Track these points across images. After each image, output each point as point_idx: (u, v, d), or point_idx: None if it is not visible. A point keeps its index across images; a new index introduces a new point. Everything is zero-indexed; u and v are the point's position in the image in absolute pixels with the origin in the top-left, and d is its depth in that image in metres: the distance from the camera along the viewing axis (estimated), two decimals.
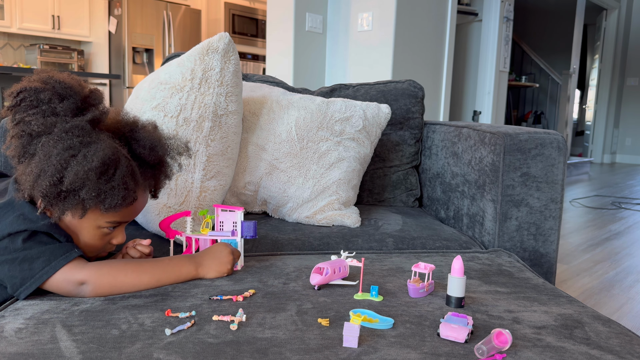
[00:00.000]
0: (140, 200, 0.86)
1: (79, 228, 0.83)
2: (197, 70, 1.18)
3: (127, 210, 0.84)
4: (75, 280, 0.78)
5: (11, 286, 0.77)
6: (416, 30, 3.19)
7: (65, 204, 0.77)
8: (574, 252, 2.61)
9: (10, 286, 0.77)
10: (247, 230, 0.96)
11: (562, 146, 1.23)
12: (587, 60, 7.87)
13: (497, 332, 0.64)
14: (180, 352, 0.63)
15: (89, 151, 0.75)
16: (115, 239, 0.87)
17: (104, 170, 0.76)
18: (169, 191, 1.15)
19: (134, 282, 0.82)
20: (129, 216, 0.87)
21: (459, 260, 0.80)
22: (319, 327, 0.71)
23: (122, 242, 0.88)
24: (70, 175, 0.74)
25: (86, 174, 0.74)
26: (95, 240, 0.85)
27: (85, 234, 0.83)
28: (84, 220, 0.81)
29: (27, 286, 0.77)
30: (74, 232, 0.83)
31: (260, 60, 6.56)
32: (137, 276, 0.82)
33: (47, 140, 0.75)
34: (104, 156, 0.76)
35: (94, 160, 0.75)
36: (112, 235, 0.86)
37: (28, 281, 0.76)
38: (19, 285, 0.77)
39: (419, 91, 1.64)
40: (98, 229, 0.83)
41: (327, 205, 1.30)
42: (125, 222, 0.87)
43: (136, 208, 0.86)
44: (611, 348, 0.68)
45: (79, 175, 0.74)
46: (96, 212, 0.81)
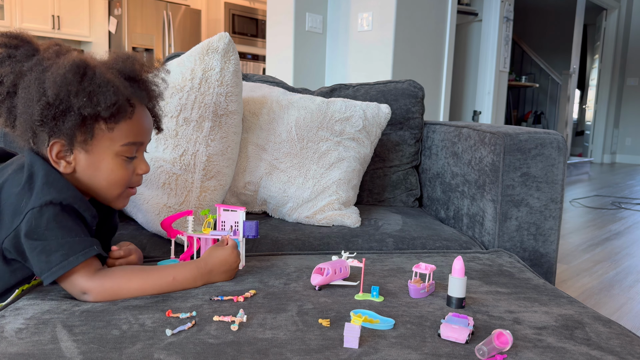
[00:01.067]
0: (141, 113, 0.84)
1: (99, 167, 0.81)
2: (197, 70, 1.18)
3: (133, 126, 0.82)
4: (79, 288, 0.78)
5: (35, 270, 0.78)
6: (416, 30, 3.19)
7: (66, 125, 0.76)
8: (574, 252, 2.61)
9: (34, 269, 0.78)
10: (249, 230, 0.96)
11: (562, 146, 1.23)
12: (587, 60, 7.87)
13: (498, 333, 0.64)
14: (181, 352, 0.63)
15: (57, 62, 0.76)
16: (139, 168, 0.85)
17: (80, 71, 0.75)
18: (169, 191, 1.15)
19: (138, 289, 0.81)
20: (140, 135, 0.84)
21: (459, 260, 0.80)
22: (320, 327, 0.71)
23: (147, 171, 0.86)
24: (50, 85, 0.74)
25: (63, 77, 0.74)
26: (119, 172, 0.82)
27: (107, 169, 0.81)
28: (99, 153, 0.80)
29: (45, 277, 0.76)
30: (97, 178, 0.82)
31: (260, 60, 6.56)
32: (142, 285, 0.81)
33: (22, 83, 0.76)
34: (74, 59, 0.76)
35: (66, 65, 0.75)
36: (134, 165, 0.85)
37: (45, 272, 0.76)
38: (39, 273, 0.77)
39: (419, 91, 1.64)
40: (117, 157, 0.82)
41: (327, 205, 1.30)
42: (140, 143, 0.84)
43: (142, 124, 0.84)
44: (612, 349, 0.68)
45: (58, 81, 0.74)
46: (105, 137, 0.80)
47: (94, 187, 0.83)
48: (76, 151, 0.80)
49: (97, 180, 0.82)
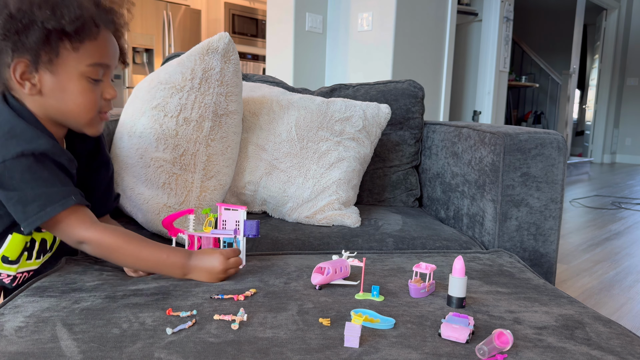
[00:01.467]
0: (106, 35, 0.82)
1: (65, 88, 0.79)
2: (197, 70, 1.18)
3: (99, 47, 0.80)
4: (75, 238, 0.78)
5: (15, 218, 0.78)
6: (416, 30, 3.19)
7: (30, 39, 0.74)
8: (574, 252, 2.61)
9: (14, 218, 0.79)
10: (250, 229, 0.96)
11: (562, 146, 1.23)
12: (587, 60, 7.87)
13: (498, 333, 0.64)
14: (181, 351, 0.63)
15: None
16: (106, 92, 0.84)
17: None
18: (169, 191, 1.15)
19: (132, 256, 0.82)
20: (106, 57, 0.82)
21: (460, 260, 0.80)
22: (320, 327, 0.71)
23: (115, 95, 0.85)
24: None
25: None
26: (87, 94, 0.81)
27: (74, 91, 0.80)
28: (65, 73, 0.78)
29: (24, 227, 0.77)
30: (65, 102, 0.80)
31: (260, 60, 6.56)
32: (137, 253, 0.82)
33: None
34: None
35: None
36: (100, 89, 0.83)
37: (23, 223, 0.76)
38: (18, 222, 0.78)
39: (419, 91, 1.64)
40: (82, 78, 0.80)
41: (327, 205, 1.30)
42: (106, 66, 0.82)
43: (107, 46, 0.82)
44: (612, 349, 0.68)
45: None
46: (71, 57, 0.78)
47: (64, 112, 0.82)
48: (41, 72, 0.78)
49: (65, 105, 0.81)
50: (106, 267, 0.98)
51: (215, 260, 0.87)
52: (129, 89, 5.53)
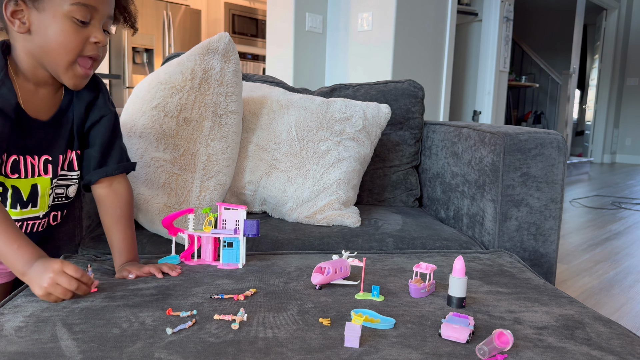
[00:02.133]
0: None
1: (49, 26, 0.80)
2: (197, 70, 1.18)
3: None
4: None
5: None
6: (416, 30, 3.19)
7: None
8: (574, 252, 2.61)
9: None
10: (250, 229, 0.96)
11: (562, 146, 1.23)
12: (587, 60, 7.87)
13: (499, 333, 0.64)
14: (182, 351, 0.63)
15: None
16: (93, 35, 0.82)
17: None
18: (169, 191, 1.15)
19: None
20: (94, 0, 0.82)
21: (460, 260, 0.80)
22: (321, 326, 0.71)
23: (104, 41, 0.83)
24: None
25: None
26: (69, 34, 0.80)
27: (57, 29, 0.80)
28: (50, 11, 0.79)
29: None
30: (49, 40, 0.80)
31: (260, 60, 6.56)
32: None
33: None
34: None
35: None
36: (87, 31, 0.82)
37: None
38: None
39: (419, 91, 1.64)
40: (67, 18, 0.80)
41: (327, 205, 1.30)
42: (93, 8, 0.81)
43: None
44: (612, 349, 0.68)
45: None
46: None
47: (46, 52, 0.82)
48: (28, 10, 0.79)
49: (47, 43, 0.81)
50: (106, 266, 0.98)
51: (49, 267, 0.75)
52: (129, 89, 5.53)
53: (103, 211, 0.98)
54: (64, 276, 0.74)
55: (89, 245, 1.11)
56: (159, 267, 0.91)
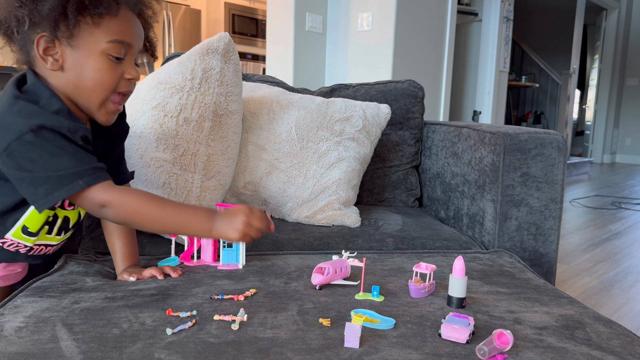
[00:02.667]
0: (129, 15, 0.82)
1: (85, 64, 0.79)
2: (197, 70, 1.18)
3: (121, 25, 0.80)
4: (97, 201, 0.77)
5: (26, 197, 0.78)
6: (416, 30, 3.19)
7: (45, 7, 0.74)
8: (574, 252, 2.61)
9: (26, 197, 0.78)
10: None
11: (562, 146, 1.23)
12: (587, 60, 7.87)
13: (499, 333, 0.64)
14: (182, 352, 0.63)
15: None
16: (127, 72, 0.82)
17: None
18: (169, 191, 1.15)
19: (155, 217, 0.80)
20: (128, 35, 0.81)
21: (460, 260, 0.80)
22: (321, 327, 0.71)
23: (137, 77, 0.83)
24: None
25: None
26: (105, 72, 0.80)
27: (93, 67, 0.79)
28: (85, 49, 0.78)
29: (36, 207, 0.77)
30: (84, 78, 0.79)
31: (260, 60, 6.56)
32: (160, 213, 0.80)
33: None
34: None
35: None
36: (122, 68, 0.82)
37: (34, 204, 0.76)
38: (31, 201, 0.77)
39: (419, 91, 1.64)
40: (103, 56, 0.79)
41: (327, 205, 1.30)
42: (128, 45, 0.81)
43: (130, 25, 0.81)
44: (612, 349, 0.68)
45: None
46: (91, 32, 0.78)
47: (80, 89, 0.81)
48: (62, 47, 0.78)
49: (82, 81, 0.80)
50: (106, 267, 0.99)
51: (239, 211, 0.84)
52: None
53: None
54: (255, 216, 0.83)
55: (89, 245, 1.11)
56: (160, 270, 0.91)
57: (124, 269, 0.93)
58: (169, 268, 0.92)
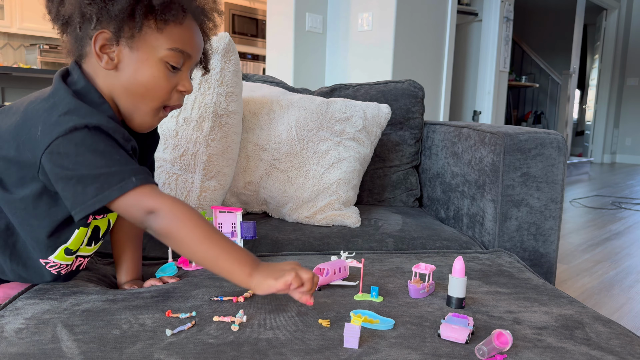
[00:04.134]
0: (193, 25, 0.79)
1: (141, 67, 0.75)
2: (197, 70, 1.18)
3: (183, 34, 0.77)
4: (146, 206, 0.70)
5: (67, 203, 0.72)
6: (416, 30, 3.19)
7: (115, 7, 0.72)
8: (574, 252, 2.61)
9: (66, 203, 0.72)
10: (247, 231, 0.96)
11: (562, 146, 1.23)
12: (587, 60, 7.87)
13: (498, 333, 0.64)
14: (181, 352, 0.63)
15: None
16: (182, 84, 0.79)
17: None
18: (169, 191, 1.15)
19: (197, 239, 0.72)
20: (189, 46, 0.78)
21: (460, 260, 0.80)
22: (320, 327, 0.71)
23: (190, 90, 0.80)
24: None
25: None
26: (160, 79, 0.76)
27: (149, 72, 0.75)
28: (144, 52, 0.75)
29: (78, 211, 0.70)
30: (137, 81, 0.76)
31: (260, 60, 6.56)
32: (203, 236, 0.72)
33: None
34: None
35: None
36: (177, 79, 0.78)
37: (79, 206, 0.70)
38: (71, 206, 0.71)
39: (419, 91, 1.64)
40: (161, 63, 0.76)
41: (327, 205, 1.30)
42: (187, 55, 0.78)
43: (192, 35, 0.78)
44: (612, 349, 0.68)
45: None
46: (153, 37, 0.75)
47: (130, 92, 0.77)
48: (121, 46, 0.74)
49: (135, 85, 0.76)
50: (108, 272, 0.99)
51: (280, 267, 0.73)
52: None
53: (117, 227, 0.94)
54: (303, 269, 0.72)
55: None
56: (159, 280, 0.91)
57: (125, 282, 0.92)
58: (168, 278, 0.91)
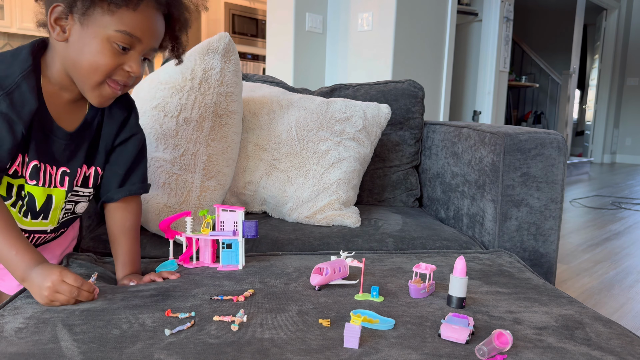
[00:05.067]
0: (150, 12, 0.80)
1: (88, 43, 0.78)
2: (197, 70, 1.18)
3: (136, 19, 0.79)
4: None
5: None
6: (416, 30, 3.19)
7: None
8: (574, 252, 2.61)
9: None
10: (249, 230, 0.96)
11: (562, 146, 1.23)
12: (587, 60, 7.87)
13: (498, 333, 0.64)
14: (181, 352, 0.63)
15: None
16: (128, 65, 0.81)
17: None
18: (169, 191, 1.15)
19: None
20: (141, 31, 0.80)
21: (461, 260, 0.80)
22: (320, 327, 0.71)
23: (138, 73, 0.82)
24: None
25: None
26: (104, 56, 0.79)
27: (94, 49, 0.78)
28: (93, 30, 0.78)
29: None
30: (83, 56, 0.79)
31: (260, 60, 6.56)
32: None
33: None
34: None
35: None
36: (125, 59, 0.80)
37: None
38: None
39: (419, 91, 1.64)
40: (107, 42, 0.78)
41: (327, 205, 1.30)
42: (137, 39, 0.80)
43: (146, 22, 0.80)
44: (612, 349, 0.68)
45: None
46: (104, 17, 0.77)
47: (77, 67, 0.80)
48: (72, 21, 0.78)
49: (80, 59, 0.79)
50: (107, 270, 0.99)
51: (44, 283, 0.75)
52: None
53: (112, 222, 0.96)
54: (64, 285, 0.75)
55: (89, 245, 1.11)
56: (159, 275, 0.91)
57: (124, 276, 0.92)
58: (168, 273, 0.92)
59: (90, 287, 0.78)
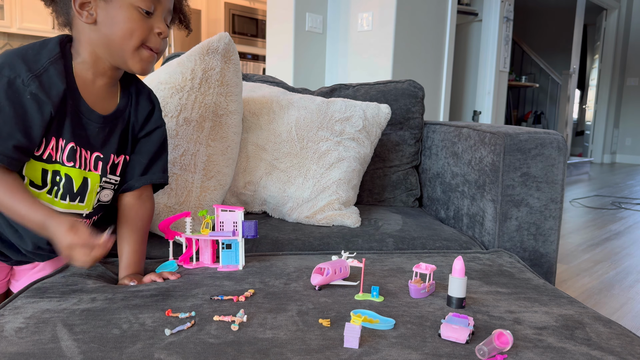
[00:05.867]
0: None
1: (116, 16, 0.83)
2: (198, 70, 1.18)
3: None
4: None
5: None
6: (416, 30, 3.19)
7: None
8: (574, 252, 2.61)
9: None
10: (248, 230, 0.96)
11: (562, 146, 1.23)
12: (587, 60, 7.87)
13: (498, 333, 0.64)
14: (181, 352, 0.63)
15: None
16: (156, 26, 0.86)
17: None
18: (169, 191, 1.15)
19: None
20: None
21: (460, 260, 0.80)
22: (320, 327, 0.71)
23: (165, 32, 0.87)
24: None
25: None
26: (132, 23, 0.83)
27: (122, 18, 0.83)
28: (116, 2, 0.83)
29: None
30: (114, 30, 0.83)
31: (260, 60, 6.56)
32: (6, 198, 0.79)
33: None
34: None
35: None
36: (151, 22, 0.85)
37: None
38: None
39: (419, 91, 1.64)
40: (132, 8, 0.83)
41: (327, 205, 1.30)
42: (156, 1, 0.85)
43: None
44: (612, 349, 0.68)
45: None
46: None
47: (112, 41, 0.84)
48: (96, 2, 0.83)
49: (113, 33, 0.84)
50: (109, 270, 0.99)
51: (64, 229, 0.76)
52: None
53: (124, 219, 0.96)
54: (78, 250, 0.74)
55: None
56: (159, 275, 0.91)
57: (125, 275, 0.92)
58: (168, 273, 0.92)
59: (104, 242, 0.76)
